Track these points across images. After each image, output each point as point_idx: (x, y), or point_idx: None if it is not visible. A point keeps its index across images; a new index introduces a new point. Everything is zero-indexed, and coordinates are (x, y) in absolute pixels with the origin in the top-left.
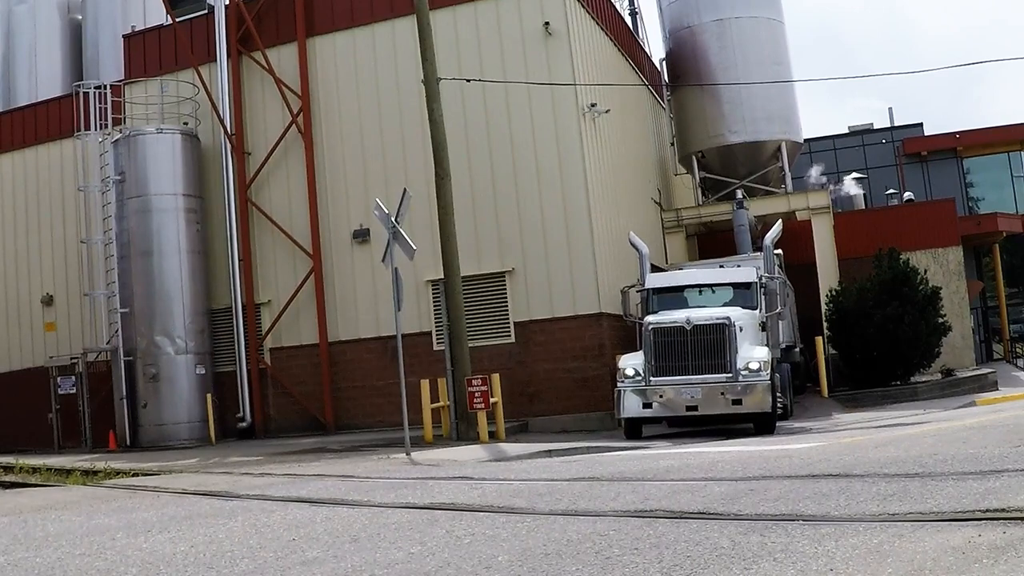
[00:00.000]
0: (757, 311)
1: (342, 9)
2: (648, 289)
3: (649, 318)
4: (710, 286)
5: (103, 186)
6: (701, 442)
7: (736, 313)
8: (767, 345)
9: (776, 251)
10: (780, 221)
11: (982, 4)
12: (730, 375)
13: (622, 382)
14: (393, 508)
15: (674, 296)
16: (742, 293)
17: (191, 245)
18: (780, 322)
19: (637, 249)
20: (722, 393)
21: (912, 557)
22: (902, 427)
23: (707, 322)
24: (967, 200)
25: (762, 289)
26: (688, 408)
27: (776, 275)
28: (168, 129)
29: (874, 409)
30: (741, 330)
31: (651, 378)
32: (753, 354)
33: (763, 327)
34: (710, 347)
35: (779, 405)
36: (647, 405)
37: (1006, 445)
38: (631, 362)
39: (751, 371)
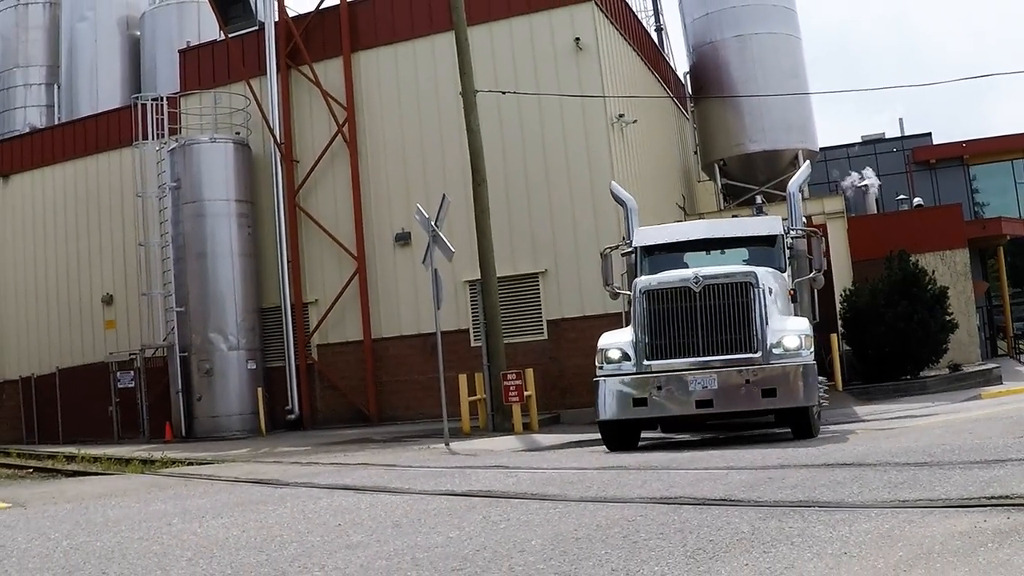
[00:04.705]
0: (786, 274)
1: (385, 26)
2: (636, 248)
3: (641, 279)
4: (719, 242)
5: (160, 192)
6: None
7: (764, 271)
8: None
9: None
10: (808, 162)
11: (989, 18)
12: (758, 355)
13: (602, 368)
14: (433, 495)
15: (671, 257)
16: (763, 253)
17: (243, 248)
18: (815, 290)
19: (622, 203)
20: (747, 381)
21: (921, 541)
22: (912, 419)
23: (724, 281)
24: (973, 205)
25: (788, 247)
26: (699, 403)
27: (807, 229)
28: (221, 138)
29: (885, 402)
30: (771, 293)
31: (645, 361)
32: (789, 326)
33: (793, 297)
34: (728, 316)
35: (822, 398)
36: (640, 401)
37: (1010, 436)
38: (616, 340)
39: (788, 350)
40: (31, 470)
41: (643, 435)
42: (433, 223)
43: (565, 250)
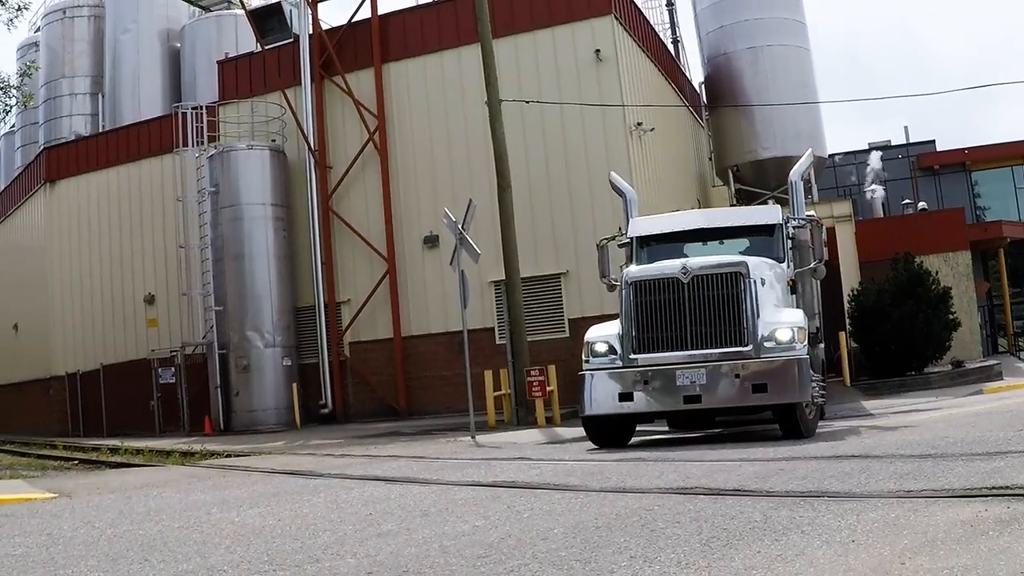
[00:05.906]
0: (784, 265)
1: (414, 38)
2: (632, 238)
3: (630, 269)
4: (716, 231)
5: (199, 196)
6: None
7: (755, 260)
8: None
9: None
10: (810, 150)
11: (992, 28)
12: (748, 348)
13: (588, 362)
14: (460, 486)
15: (668, 248)
16: (763, 243)
17: (278, 250)
18: (815, 282)
19: (621, 193)
20: (737, 375)
21: (925, 529)
22: (917, 413)
23: (713, 271)
24: (975, 209)
25: (790, 238)
26: (687, 399)
27: (808, 218)
28: (258, 145)
29: (891, 397)
30: (763, 284)
31: (631, 355)
32: (782, 318)
33: (792, 288)
34: (718, 308)
35: (820, 396)
36: (625, 396)
37: (1010, 429)
38: (603, 333)
39: (780, 343)
40: (76, 462)
41: (647, 429)
42: (460, 226)
43: (586, 252)
